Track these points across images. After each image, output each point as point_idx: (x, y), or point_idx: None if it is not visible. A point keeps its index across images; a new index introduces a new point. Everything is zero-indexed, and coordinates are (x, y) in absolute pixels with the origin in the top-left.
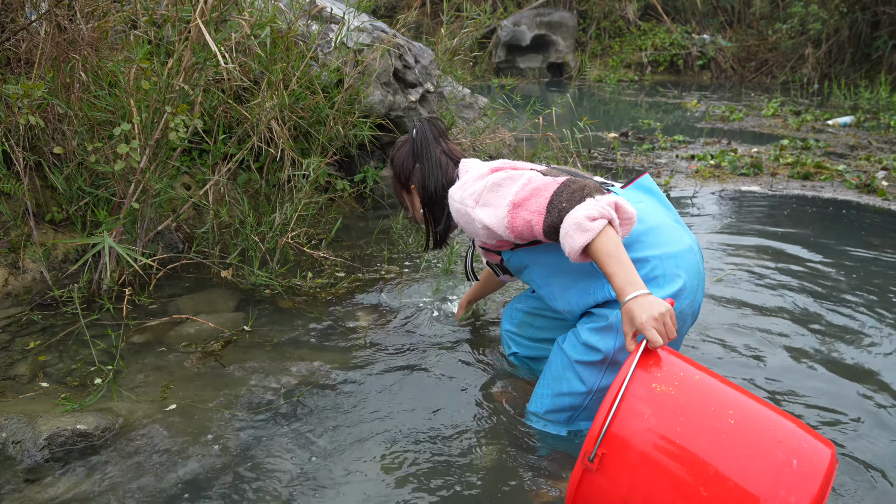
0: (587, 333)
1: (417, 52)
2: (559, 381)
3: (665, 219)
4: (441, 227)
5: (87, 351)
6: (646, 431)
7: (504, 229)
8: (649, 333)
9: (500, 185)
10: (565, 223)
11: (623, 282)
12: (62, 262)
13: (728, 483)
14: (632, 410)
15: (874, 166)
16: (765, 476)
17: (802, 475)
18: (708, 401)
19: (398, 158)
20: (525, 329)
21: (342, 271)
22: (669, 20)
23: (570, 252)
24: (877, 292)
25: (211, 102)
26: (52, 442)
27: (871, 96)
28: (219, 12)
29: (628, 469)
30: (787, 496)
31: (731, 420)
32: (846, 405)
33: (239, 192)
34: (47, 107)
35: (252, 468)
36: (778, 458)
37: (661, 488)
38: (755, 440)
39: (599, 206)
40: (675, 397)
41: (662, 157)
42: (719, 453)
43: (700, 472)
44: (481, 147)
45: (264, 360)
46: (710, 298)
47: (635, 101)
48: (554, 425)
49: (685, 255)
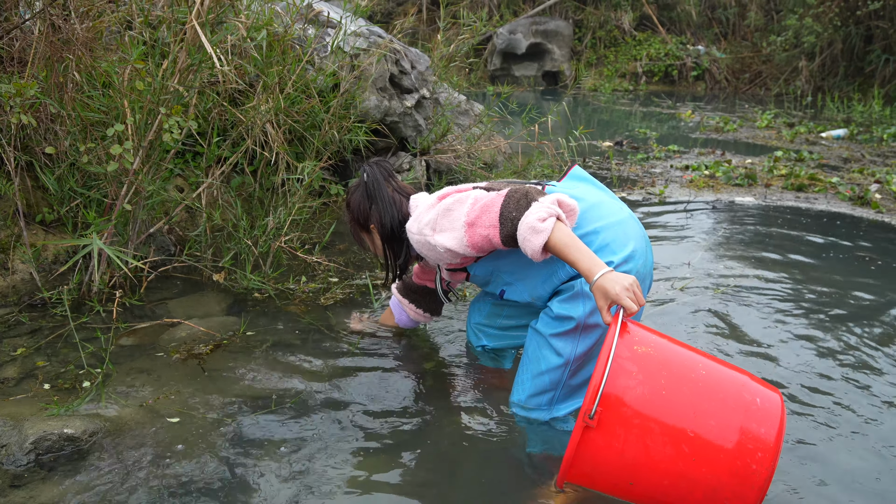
0: (558, 306)
1: (414, 57)
2: (537, 360)
3: (602, 196)
4: (401, 261)
5: (76, 354)
6: (636, 386)
7: (465, 248)
8: (625, 302)
9: (450, 209)
10: (520, 230)
11: (587, 265)
12: (52, 264)
13: (710, 423)
14: (621, 369)
15: (867, 179)
16: (738, 413)
17: (766, 410)
18: (680, 358)
19: (354, 202)
20: (494, 319)
21: (335, 276)
22: (664, 31)
23: (532, 254)
24: (867, 304)
25: (206, 104)
26: (38, 446)
27: (864, 109)
28: (215, 14)
29: (623, 422)
30: (758, 427)
31: (703, 371)
32: (827, 413)
33: (232, 196)
34: (40, 106)
35: (242, 474)
36: (745, 398)
37: (653, 436)
38: (724, 386)
39: (545, 207)
40: (655, 356)
41: (657, 166)
42: (699, 399)
43: (687, 417)
44: (476, 154)
45: (256, 365)
46: (697, 308)
47: (630, 111)
48: (536, 412)
49: (627, 222)
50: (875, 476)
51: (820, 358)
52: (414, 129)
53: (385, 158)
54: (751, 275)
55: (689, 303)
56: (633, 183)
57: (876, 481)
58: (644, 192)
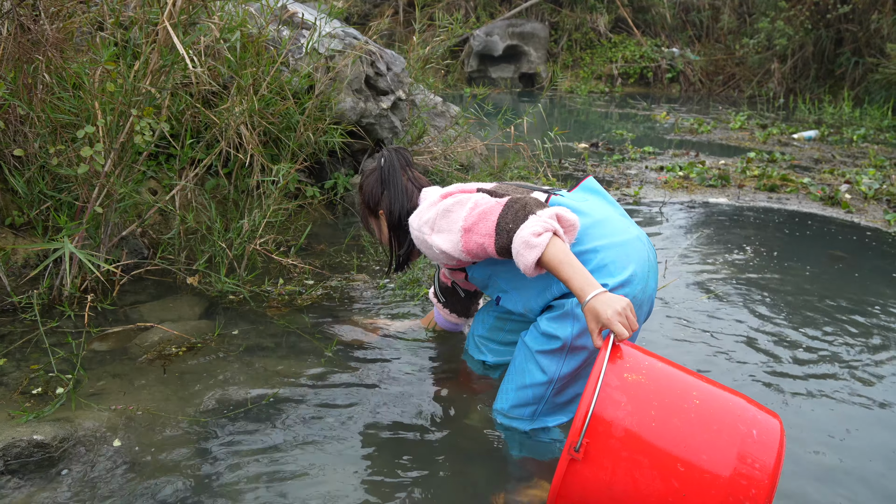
0: (545, 323)
1: (389, 59)
2: (522, 373)
3: (611, 213)
4: (404, 251)
5: (47, 359)
6: (624, 417)
7: (459, 252)
8: (616, 328)
9: (450, 210)
10: (515, 243)
11: (580, 284)
12: (22, 267)
13: (702, 457)
14: (609, 399)
15: (838, 179)
16: (733, 447)
17: (762, 443)
18: (673, 385)
19: (367, 185)
20: (496, 333)
21: (311, 279)
22: (639, 33)
23: (525, 269)
24: (836, 303)
25: (179, 106)
26: (6, 454)
27: (835, 111)
28: (188, 15)
29: (610, 455)
30: (753, 462)
31: (696, 400)
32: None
33: (206, 198)
34: (8, 108)
35: (216, 478)
36: (741, 430)
37: (642, 469)
38: (719, 417)
39: (542, 221)
40: (646, 384)
41: (632, 167)
42: (691, 431)
43: (677, 450)
44: (453, 156)
45: (230, 369)
46: (671, 311)
47: (606, 113)
48: (517, 422)
49: (632, 243)
50: (874, 481)
51: (790, 357)
52: (390, 131)
53: (405, 148)
54: (725, 275)
55: (666, 303)
56: (608, 184)
57: (874, 486)
58: (619, 194)
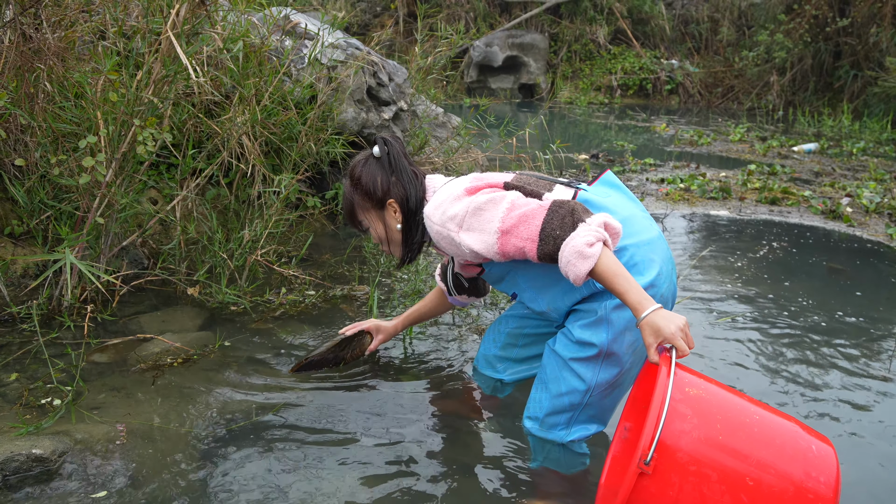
0: (579, 330)
1: (391, 69)
2: (556, 381)
3: (634, 210)
4: (416, 239)
5: (46, 370)
6: (691, 430)
7: (494, 254)
8: (679, 343)
9: (482, 209)
10: (564, 252)
11: (637, 298)
12: (21, 278)
13: (770, 470)
14: (675, 412)
15: (838, 192)
16: (797, 462)
17: (822, 457)
18: (732, 401)
19: (368, 174)
20: (510, 350)
21: (312, 289)
22: (639, 45)
23: (575, 279)
24: (838, 317)
25: (181, 116)
26: (5, 468)
27: (834, 124)
28: (190, 25)
29: (678, 469)
30: (817, 476)
31: (756, 416)
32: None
33: (207, 208)
34: (9, 117)
35: (215, 492)
36: (801, 444)
37: (710, 484)
38: (780, 432)
39: (593, 231)
40: (707, 399)
41: (633, 179)
42: (757, 445)
43: (745, 464)
44: (454, 166)
45: (231, 381)
46: None
47: (605, 124)
48: (554, 431)
49: (656, 241)
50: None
51: (793, 374)
52: None
53: (399, 137)
54: (728, 289)
55: None
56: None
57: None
58: None
